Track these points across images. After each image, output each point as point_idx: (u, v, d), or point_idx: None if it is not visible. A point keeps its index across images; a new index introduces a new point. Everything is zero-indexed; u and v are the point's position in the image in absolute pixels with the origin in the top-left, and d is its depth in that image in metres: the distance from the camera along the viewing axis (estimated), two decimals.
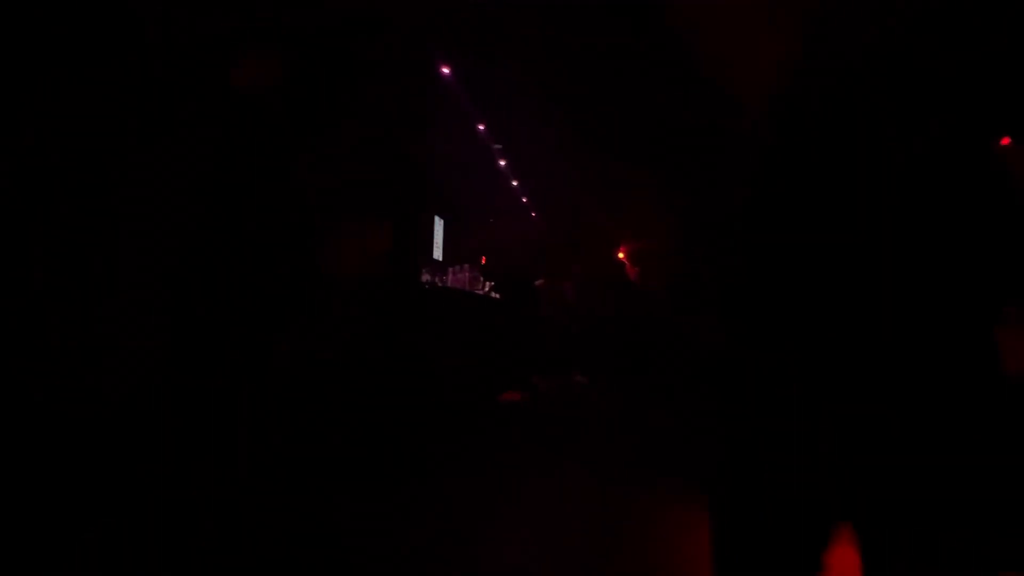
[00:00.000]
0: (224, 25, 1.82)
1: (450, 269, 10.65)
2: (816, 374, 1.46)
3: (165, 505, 1.54)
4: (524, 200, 12.08)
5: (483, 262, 9.51)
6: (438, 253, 10.13)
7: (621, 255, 7.53)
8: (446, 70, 8.35)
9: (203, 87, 1.72)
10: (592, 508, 2.75)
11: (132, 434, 1.48)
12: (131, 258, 1.51)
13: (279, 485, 2.06)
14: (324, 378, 2.15)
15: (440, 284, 9.49)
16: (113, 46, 1.49)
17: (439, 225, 10.26)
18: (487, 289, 9.16)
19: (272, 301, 1.86)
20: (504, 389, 6.28)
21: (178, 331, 1.61)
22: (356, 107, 2.24)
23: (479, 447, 3.74)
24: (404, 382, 3.31)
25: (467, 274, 10.33)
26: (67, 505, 1.44)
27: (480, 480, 2.99)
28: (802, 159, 1.55)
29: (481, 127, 9.97)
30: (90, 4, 1.47)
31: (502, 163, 10.33)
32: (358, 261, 2.52)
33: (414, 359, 3.59)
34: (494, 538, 2.24)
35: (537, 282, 7.63)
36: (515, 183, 11.05)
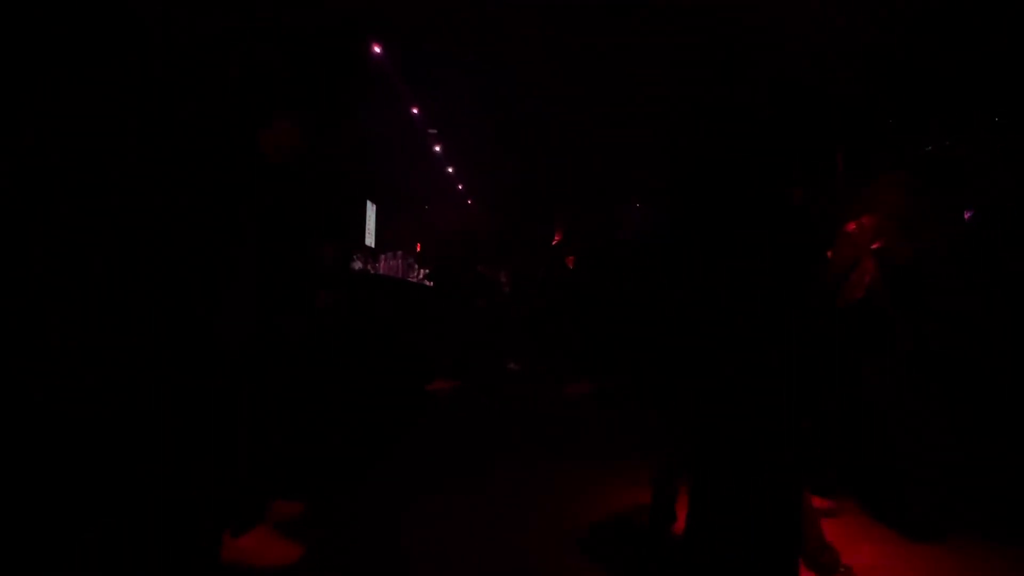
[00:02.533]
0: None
1: (382, 256, 10.46)
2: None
3: (165, 505, 1.54)
4: (461, 187, 12.06)
5: (418, 249, 9.47)
6: (370, 239, 9.95)
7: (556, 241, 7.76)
8: (378, 49, 8.18)
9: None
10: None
11: (132, 434, 1.47)
12: (130, 257, 1.48)
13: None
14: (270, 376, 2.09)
15: (372, 271, 9.32)
16: (113, 46, 1.45)
17: (371, 210, 10.07)
18: (421, 277, 9.12)
19: (272, 298, 1.88)
20: (435, 377, 6.30)
21: (176, 330, 1.60)
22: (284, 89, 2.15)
23: (410, 437, 3.67)
24: (334, 374, 3.22)
25: (400, 261, 10.20)
26: (67, 505, 1.45)
27: (411, 470, 2.94)
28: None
29: (415, 110, 9.85)
30: (90, 4, 1.42)
31: (437, 148, 10.29)
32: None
33: (343, 349, 3.49)
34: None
35: (478, 268, 7.71)
36: (451, 169, 11.02)
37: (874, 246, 2.28)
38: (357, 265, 9.02)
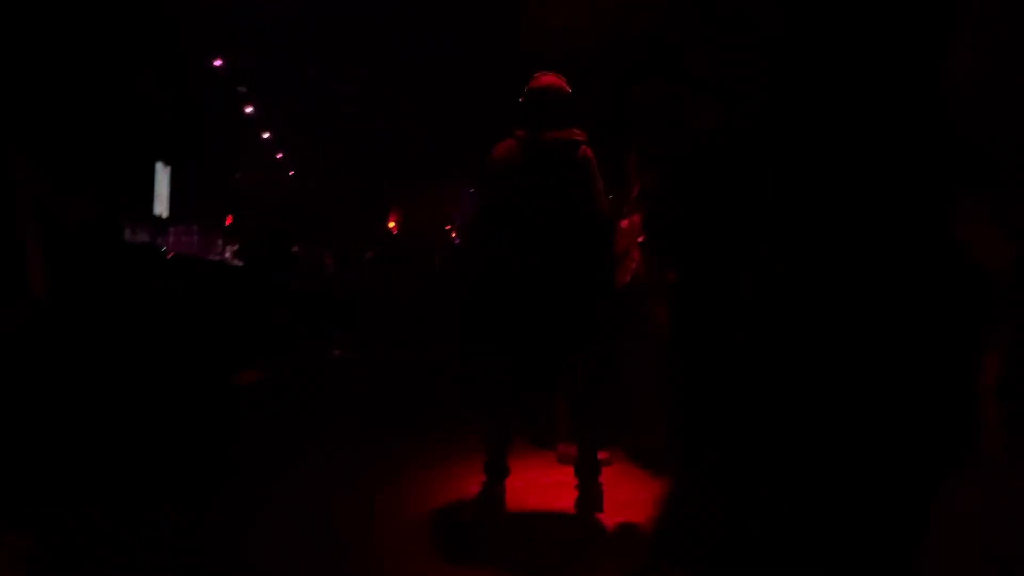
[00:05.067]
0: None
1: (172, 229, 8.85)
2: None
3: None
4: (279, 156, 10.65)
5: (228, 223, 8.13)
6: (161, 208, 8.29)
7: (392, 224, 7.12)
8: None
9: None
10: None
11: None
12: None
13: None
14: None
15: (162, 246, 7.82)
16: None
17: (163, 174, 8.39)
18: (226, 254, 7.88)
19: None
20: (241, 367, 5.42)
21: None
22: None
23: (208, 435, 3.21)
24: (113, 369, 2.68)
25: (196, 236, 8.67)
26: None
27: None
28: None
29: (219, 62, 8.47)
30: None
31: (250, 110, 8.91)
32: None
33: (121, 339, 2.86)
34: None
35: (293, 248, 6.75)
36: (268, 135, 9.63)
37: (639, 239, 2.67)
38: (142, 238, 7.65)
